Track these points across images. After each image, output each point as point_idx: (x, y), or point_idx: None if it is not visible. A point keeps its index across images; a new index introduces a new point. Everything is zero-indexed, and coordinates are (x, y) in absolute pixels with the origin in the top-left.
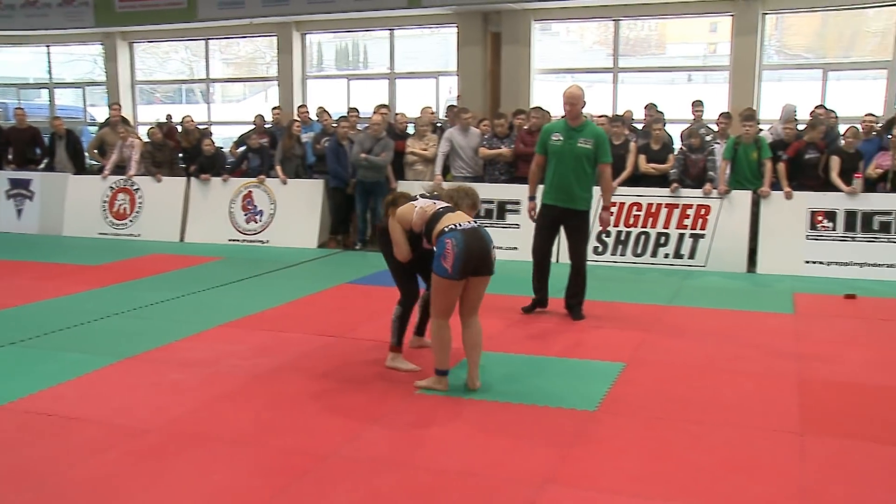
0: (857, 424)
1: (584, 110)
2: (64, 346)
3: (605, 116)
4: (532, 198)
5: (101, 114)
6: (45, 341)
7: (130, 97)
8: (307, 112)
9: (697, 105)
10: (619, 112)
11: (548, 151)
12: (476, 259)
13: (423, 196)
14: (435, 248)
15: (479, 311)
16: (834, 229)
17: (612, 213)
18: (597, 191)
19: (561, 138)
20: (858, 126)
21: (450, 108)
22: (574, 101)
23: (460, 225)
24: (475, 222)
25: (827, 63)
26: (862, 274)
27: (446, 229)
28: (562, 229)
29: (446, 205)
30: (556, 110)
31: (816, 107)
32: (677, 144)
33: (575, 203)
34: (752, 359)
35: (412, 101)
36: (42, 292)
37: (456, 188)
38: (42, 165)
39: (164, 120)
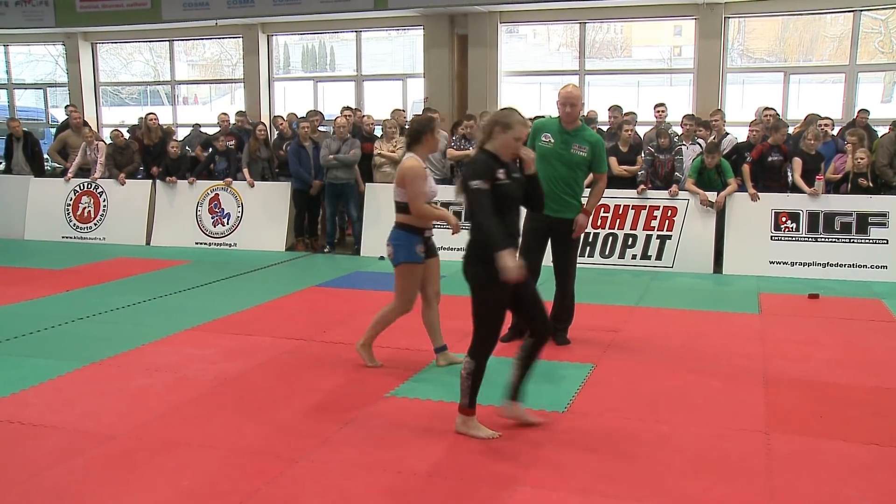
0: (823, 423)
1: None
2: (27, 352)
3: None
4: None
5: (63, 116)
6: (7, 347)
7: (94, 99)
8: (284, 123)
9: (660, 107)
10: (583, 113)
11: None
12: None
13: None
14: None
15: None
16: (797, 230)
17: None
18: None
19: (552, 140)
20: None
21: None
22: (574, 102)
23: None
24: None
25: (788, 66)
26: (825, 274)
27: None
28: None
29: None
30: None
31: (765, 108)
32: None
33: (565, 212)
34: (719, 359)
35: (380, 103)
36: (4, 297)
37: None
38: None
39: (136, 123)
